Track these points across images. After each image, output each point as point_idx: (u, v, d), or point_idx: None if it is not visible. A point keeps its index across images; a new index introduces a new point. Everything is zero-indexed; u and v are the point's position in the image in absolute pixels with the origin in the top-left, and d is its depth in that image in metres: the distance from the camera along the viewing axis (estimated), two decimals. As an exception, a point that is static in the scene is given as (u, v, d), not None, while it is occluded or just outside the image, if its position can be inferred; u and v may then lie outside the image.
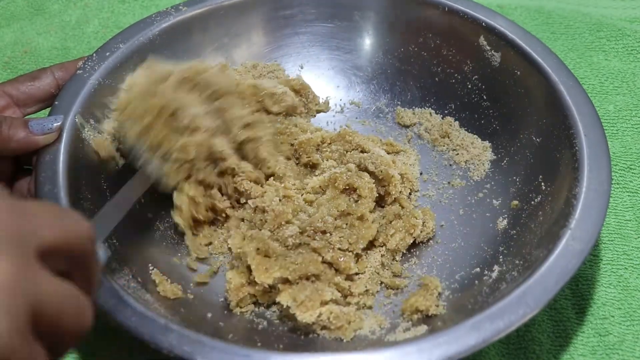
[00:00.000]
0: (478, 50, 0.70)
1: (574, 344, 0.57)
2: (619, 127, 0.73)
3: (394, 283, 0.58)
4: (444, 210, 0.66)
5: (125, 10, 0.88)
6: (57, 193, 0.55)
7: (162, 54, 0.70)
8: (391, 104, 0.75)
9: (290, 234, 0.56)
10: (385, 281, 0.58)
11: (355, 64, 0.77)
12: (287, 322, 0.55)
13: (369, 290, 0.57)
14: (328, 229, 0.57)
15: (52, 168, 0.56)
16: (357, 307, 0.56)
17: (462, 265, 0.60)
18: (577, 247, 0.51)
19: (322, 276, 0.54)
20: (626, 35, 0.81)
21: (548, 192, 0.59)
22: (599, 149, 0.57)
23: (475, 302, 0.53)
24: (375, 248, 0.60)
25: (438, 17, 0.71)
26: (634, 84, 0.77)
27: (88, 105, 0.62)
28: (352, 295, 0.56)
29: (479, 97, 0.70)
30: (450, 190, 0.67)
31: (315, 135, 0.66)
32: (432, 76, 0.74)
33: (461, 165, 0.69)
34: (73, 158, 0.58)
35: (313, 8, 0.75)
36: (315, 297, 0.53)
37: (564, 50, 0.81)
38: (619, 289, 0.60)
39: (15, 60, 0.81)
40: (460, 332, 0.47)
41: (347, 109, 0.75)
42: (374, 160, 0.62)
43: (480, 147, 0.69)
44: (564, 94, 0.62)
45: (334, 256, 0.55)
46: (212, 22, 0.73)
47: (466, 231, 0.63)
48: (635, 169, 0.69)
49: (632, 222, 0.65)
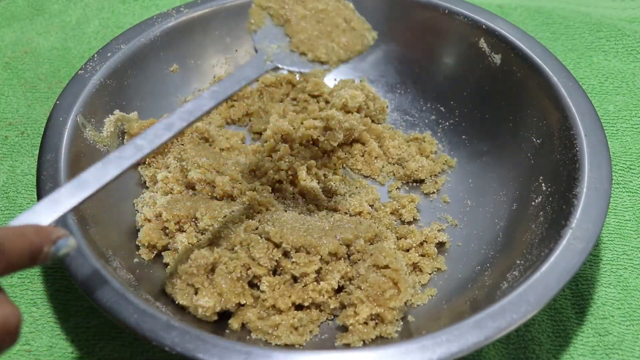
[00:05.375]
0: (478, 52, 0.70)
1: (573, 344, 0.57)
2: (619, 127, 0.73)
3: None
4: (444, 211, 0.66)
5: (126, 10, 0.88)
6: (58, 192, 0.55)
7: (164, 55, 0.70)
8: (392, 105, 0.75)
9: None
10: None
11: (355, 66, 0.77)
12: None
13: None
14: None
15: (54, 167, 0.57)
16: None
17: (462, 265, 0.61)
18: (578, 246, 0.51)
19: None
20: (626, 35, 0.82)
21: (549, 192, 0.59)
22: (599, 149, 0.58)
23: (476, 301, 0.54)
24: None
25: (438, 20, 0.72)
26: (634, 84, 0.77)
27: (89, 105, 0.62)
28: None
29: (480, 99, 0.71)
30: (450, 191, 0.68)
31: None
32: (432, 78, 0.74)
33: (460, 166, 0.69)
34: (74, 157, 0.58)
35: (314, 10, 0.76)
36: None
37: (564, 51, 0.82)
38: (619, 289, 0.60)
39: (15, 60, 0.81)
40: (462, 329, 0.47)
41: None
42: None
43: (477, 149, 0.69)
44: (564, 95, 0.62)
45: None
46: (214, 23, 0.73)
47: (466, 232, 0.64)
48: (635, 169, 0.69)
49: (632, 222, 0.65)
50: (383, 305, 0.53)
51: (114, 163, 0.44)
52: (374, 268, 0.55)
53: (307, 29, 0.50)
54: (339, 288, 0.56)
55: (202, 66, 0.74)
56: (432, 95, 0.74)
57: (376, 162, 0.70)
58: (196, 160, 0.63)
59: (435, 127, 0.73)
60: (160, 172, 0.64)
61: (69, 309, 0.59)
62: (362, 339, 0.52)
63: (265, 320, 0.53)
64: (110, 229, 0.58)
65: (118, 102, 0.66)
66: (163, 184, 0.63)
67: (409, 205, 0.65)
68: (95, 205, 0.58)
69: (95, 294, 0.49)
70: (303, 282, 0.55)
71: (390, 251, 0.57)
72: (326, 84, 0.75)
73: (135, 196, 0.64)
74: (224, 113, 0.73)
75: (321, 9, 0.51)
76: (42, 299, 0.59)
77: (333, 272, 0.56)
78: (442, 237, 0.62)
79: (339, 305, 0.56)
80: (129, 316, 0.48)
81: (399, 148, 0.70)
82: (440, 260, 0.61)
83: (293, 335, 0.53)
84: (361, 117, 0.70)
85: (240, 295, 0.54)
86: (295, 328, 0.54)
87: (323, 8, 0.51)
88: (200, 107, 0.45)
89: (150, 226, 0.59)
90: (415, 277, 0.59)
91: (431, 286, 0.59)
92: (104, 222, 0.58)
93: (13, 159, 0.70)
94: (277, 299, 0.54)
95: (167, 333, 0.47)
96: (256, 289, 0.55)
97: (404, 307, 0.55)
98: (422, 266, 0.60)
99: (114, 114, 0.65)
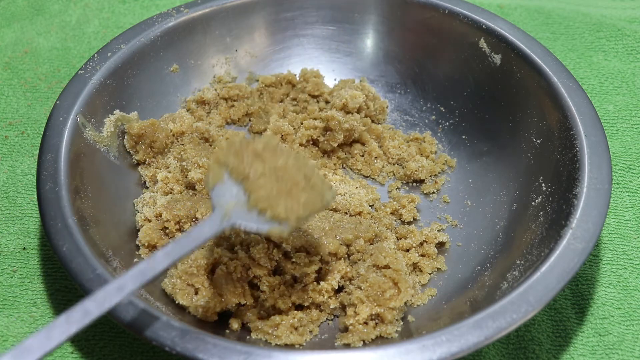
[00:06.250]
0: (478, 53, 0.70)
1: (573, 344, 0.57)
2: (619, 127, 0.73)
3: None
4: (444, 211, 0.66)
5: (126, 10, 0.88)
6: (58, 191, 0.55)
7: (164, 55, 0.70)
8: (392, 105, 0.75)
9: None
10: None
11: (355, 66, 0.77)
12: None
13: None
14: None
15: (54, 167, 0.56)
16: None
17: (462, 265, 0.61)
18: (578, 246, 0.51)
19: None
20: (626, 35, 0.82)
21: (549, 192, 0.59)
22: (599, 149, 0.58)
23: (476, 301, 0.54)
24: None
25: (438, 20, 0.72)
26: (634, 84, 0.77)
27: (89, 105, 0.62)
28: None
29: (480, 99, 0.71)
30: (450, 191, 0.68)
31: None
32: (432, 78, 0.74)
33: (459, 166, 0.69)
34: (74, 157, 0.58)
35: (314, 10, 0.76)
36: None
37: (564, 51, 0.82)
38: (619, 289, 0.60)
39: (15, 60, 0.81)
40: (462, 329, 0.47)
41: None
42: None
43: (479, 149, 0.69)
44: (564, 95, 0.62)
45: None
46: (214, 23, 0.73)
47: (466, 232, 0.64)
48: (635, 169, 0.69)
49: (632, 222, 0.65)
50: (383, 305, 0.53)
51: (59, 328, 0.42)
52: (374, 268, 0.55)
53: (266, 186, 0.48)
54: (339, 288, 0.56)
55: (202, 66, 0.74)
56: (432, 95, 0.74)
57: (376, 162, 0.70)
58: (196, 160, 0.63)
59: (435, 127, 0.73)
60: (160, 172, 0.64)
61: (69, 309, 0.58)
62: (362, 339, 0.52)
63: (265, 320, 0.53)
64: (110, 229, 0.58)
65: (118, 102, 0.66)
66: (163, 184, 0.63)
67: (409, 205, 0.65)
68: (95, 205, 0.58)
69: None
70: (303, 282, 0.55)
71: (391, 251, 0.57)
72: (326, 84, 0.75)
73: (135, 196, 0.64)
74: (224, 113, 0.73)
75: (281, 166, 0.50)
76: (42, 299, 0.59)
77: (333, 272, 0.56)
78: (442, 237, 0.62)
79: (339, 305, 0.56)
80: (129, 316, 0.48)
81: (399, 148, 0.70)
82: (440, 261, 0.61)
83: (293, 335, 0.53)
84: (361, 117, 0.70)
85: (240, 295, 0.54)
86: (295, 328, 0.54)
87: (283, 165, 0.50)
88: (154, 268, 0.44)
89: (150, 226, 0.59)
90: (415, 277, 0.59)
91: (431, 286, 0.59)
92: (104, 222, 0.58)
93: (13, 159, 0.70)
94: (277, 299, 0.54)
95: (167, 333, 0.47)
96: (256, 289, 0.55)
97: (404, 307, 0.55)
98: (422, 266, 0.60)
99: (114, 114, 0.65)
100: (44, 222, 0.53)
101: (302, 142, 0.69)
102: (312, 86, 0.73)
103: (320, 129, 0.69)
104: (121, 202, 0.62)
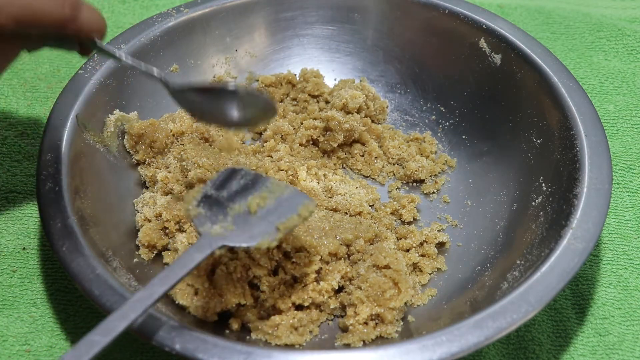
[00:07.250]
0: (479, 53, 0.70)
1: (574, 344, 0.57)
2: (619, 127, 0.73)
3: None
4: (444, 211, 0.66)
5: (126, 10, 0.88)
6: (58, 191, 0.55)
7: (163, 55, 0.70)
8: (392, 105, 0.75)
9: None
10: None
11: (355, 66, 0.77)
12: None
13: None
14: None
15: (54, 167, 0.56)
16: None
17: (462, 265, 0.60)
18: (578, 246, 0.51)
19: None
20: (626, 35, 0.82)
21: (549, 192, 0.59)
22: (599, 149, 0.58)
23: (476, 301, 0.54)
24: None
25: (438, 20, 0.72)
26: (634, 84, 0.77)
27: (89, 105, 0.62)
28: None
29: (480, 99, 0.71)
30: (450, 191, 0.68)
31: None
32: (432, 78, 0.74)
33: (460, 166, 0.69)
34: (74, 157, 0.58)
35: (314, 10, 0.76)
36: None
37: (564, 50, 0.82)
38: (619, 289, 0.60)
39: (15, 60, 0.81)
40: (462, 330, 0.47)
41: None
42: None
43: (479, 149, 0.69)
44: (564, 95, 0.62)
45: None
46: (214, 23, 0.73)
47: (466, 232, 0.64)
48: (635, 169, 0.69)
49: (632, 222, 0.65)
50: (383, 306, 0.53)
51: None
52: (374, 268, 0.55)
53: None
54: (339, 288, 0.56)
55: (202, 66, 0.74)
56: (432, 95, 0.74)
57: (376, 162, 0.70)
58: (196, 160, 0.63)
59: (435, 127, 0.73)
60: (160, 172, 0.64)
61: (68, 309, 0.59)
62: (362, 339, 0.52)
63: (265, 320, 0.53)
64: (110, 229, 0.58)
65: (118, 102, 0.66)
66: (163, 184, 0.63)
67: (409, 205, 0.65)
68: (95, 205, 0.58)
69: (95, 294, 0.49)
70: (303, 282, 0.55)
71: (391, 251, 0.57)
72: (326, 84, 0.75)
73: (135, 196, 0.64)
74: (224, 113, 0.73)
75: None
76: (42, 299, 0.59)
77: (333, 272, 0.56)
78: (442, 237, 0.62)
79: (339, 306, 0.56)
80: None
81: (399, 148, 0.70)
82: (440, 261, 0.61)
83: (293, 335, 0.53)
84: (361, 117, 0.70)
85: (240, 296, 0.54)
86: (295, 328, 0.54)
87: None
88: (151, 295, 0.45)
89: (150, 226, 0.59)
90: (415, 277, 0.59)
91: (431, 286, 0.59)
92: (104, 222, 0.58)
93: (13, 159, 0.70)
94: (277, 299, 0.54)
95: (167, 333, 0.47)
96: (256, 289, 0.55)
97: (404, 307, 0.55)
98: (422, 266, 0.60)
99: (114, 114, 0.65)
100: (44, 222, 0.53)
101: (302, 142, 0.69)
102: (312, 86, 0.73)
103: (320, 129, 0.69)
104: (121, 202, 0.62)
